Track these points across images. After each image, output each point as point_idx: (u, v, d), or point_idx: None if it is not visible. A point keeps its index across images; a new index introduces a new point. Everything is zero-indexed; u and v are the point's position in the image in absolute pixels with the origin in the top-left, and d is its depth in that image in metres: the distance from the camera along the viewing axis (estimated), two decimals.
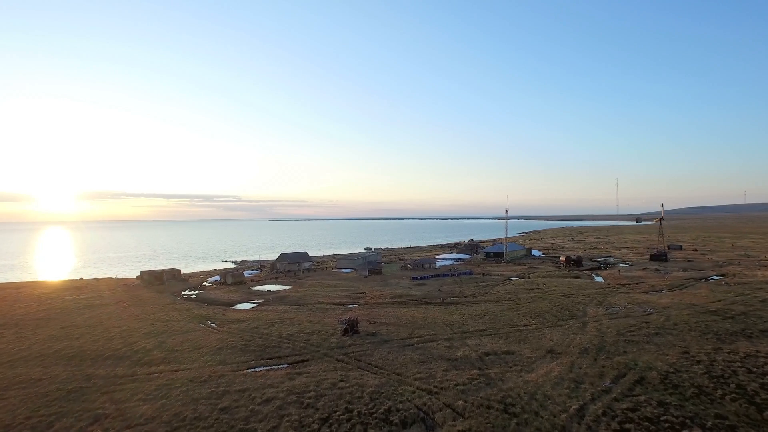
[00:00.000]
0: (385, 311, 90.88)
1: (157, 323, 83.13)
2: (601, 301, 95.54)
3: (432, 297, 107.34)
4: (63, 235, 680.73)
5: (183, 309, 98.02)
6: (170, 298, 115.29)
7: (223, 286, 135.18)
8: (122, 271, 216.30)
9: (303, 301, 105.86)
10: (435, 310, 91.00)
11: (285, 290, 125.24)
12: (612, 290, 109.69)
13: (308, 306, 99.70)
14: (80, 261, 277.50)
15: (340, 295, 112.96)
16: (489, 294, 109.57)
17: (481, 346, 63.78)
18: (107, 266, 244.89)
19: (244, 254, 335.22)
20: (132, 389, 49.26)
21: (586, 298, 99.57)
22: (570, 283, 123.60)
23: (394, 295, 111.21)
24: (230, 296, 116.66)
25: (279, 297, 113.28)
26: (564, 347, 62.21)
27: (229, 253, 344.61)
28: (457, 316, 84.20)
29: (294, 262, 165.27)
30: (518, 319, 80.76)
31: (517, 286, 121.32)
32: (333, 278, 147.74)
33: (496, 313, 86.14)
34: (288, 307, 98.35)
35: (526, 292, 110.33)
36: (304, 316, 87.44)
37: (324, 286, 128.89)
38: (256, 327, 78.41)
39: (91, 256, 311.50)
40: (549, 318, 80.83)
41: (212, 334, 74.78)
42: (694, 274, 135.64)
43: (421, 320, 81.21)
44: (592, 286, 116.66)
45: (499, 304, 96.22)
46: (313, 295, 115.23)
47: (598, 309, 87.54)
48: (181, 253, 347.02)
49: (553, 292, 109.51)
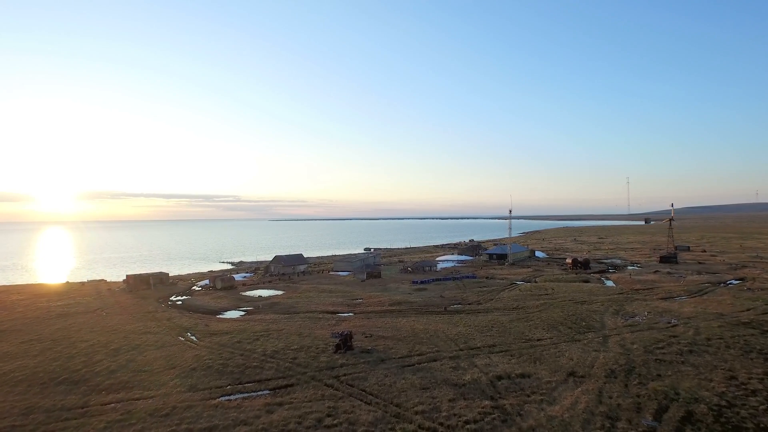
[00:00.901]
0: (382, 321, 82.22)
1: (131, 336, 74.45)
2: (617, 309, 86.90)
3: (434, 304, 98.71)
4: (61, 236, 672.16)
5: (164, 318, 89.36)
6: (154, 304, 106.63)
7: (212, 291, 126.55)
8: (116, 273, 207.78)
9: (295, 309, 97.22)
10: (437, 320, 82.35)
11: (277, 296, 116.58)
12: (626, 297, 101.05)
13: (300, 315, 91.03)
14: (74, 262, 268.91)
15: (334, 302, 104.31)
16: (495, 301, 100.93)
17: (491, 366, 55.12)
18: (102, 268, 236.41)
19: (241, 255, 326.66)
20: (75, 428, 40.58)
21: (601, 305, 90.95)
22: (580, 288, 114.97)
23: (393, 301, 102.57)
24: (218, 303, 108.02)
25: (270, 304, 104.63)
26: (587, 368, 53.58)
27: (226, 254, 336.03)
28: (462, 327, 75.53)
29: (289, 265, 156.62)
30: (530, 331, 72.09)
31: (524, 291, 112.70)
32: (329, 282, 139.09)
33: (505, 324, 77.48)
34: (278, 316, 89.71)
35: (534, 299, 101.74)
36: (293, 328, 78.82)
37: (318, 292, 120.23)
38: (239, 341, 69.75)
39: (87, 258, 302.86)
40: (564, 330, 72.17)
41: (189, 349, 66.13)
42: (710, 277, 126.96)
43: (423, 333, 72.55)
44: (605, 292, 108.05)
45: (507, 312, 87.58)
46: (307, 301, 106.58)
47: (616, 319, 78.91)
48: (179, 254, 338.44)
49: (564, 298, 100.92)
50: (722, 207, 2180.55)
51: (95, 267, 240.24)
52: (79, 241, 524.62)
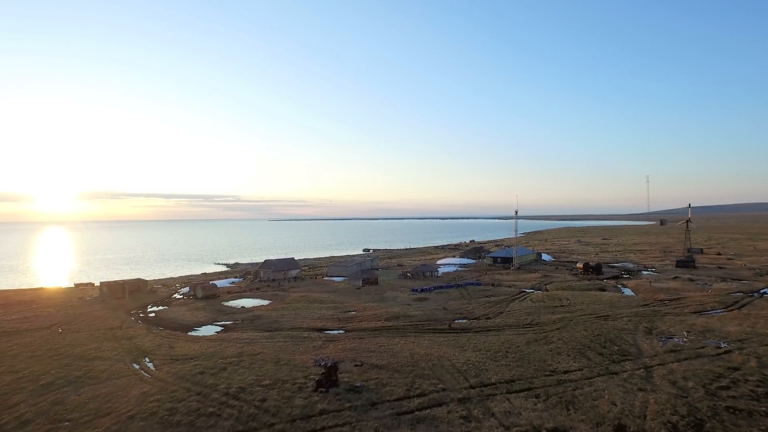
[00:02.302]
0: (377, 343, 69.04)
1: (76, 363, 61.28)
2: (649, 327, 73.67)
3: (436, 319, 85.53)
4: (60, 236, 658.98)
5: (125, 337, 76.18)
6: (123, 317, 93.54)
7: (192, 300, 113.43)
8: (106, 275, 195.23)
9: (278, 325, 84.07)
10: (441, 341, 69.15)
11: (261, 306, 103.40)
12: (653, 309, 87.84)
13: (282, 333, 77.81)
14: (67, 264, 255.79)
15: (324, 316, 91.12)
16: (505, 315, 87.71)
17: (513, 416, 42.02)
18: (93, 270, 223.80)
19: (238, 256, 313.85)
20: None
21: (628, 321, 77.77)
22: (597, 297, 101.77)
23: (390, 315, 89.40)
24: (194, 316, 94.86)
25: (251, 317, 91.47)
26: (637, 419, 40.49)
27: (222, 256, 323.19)
28: (471, 353, 62.35)
29: (279, 270, 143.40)
30: (553, 359, 58.92)
31: (536, 302, 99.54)
32: (321, 289, 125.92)
33: (521, 347, 64.31)
34: (257, 335, 76.52)
35: (548, 312, 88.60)
36: (271, 351, 65.72)
37: (308, 301, 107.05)
38: (202, 372, 56.65)
39: (81, 259, 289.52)
40: (594, 357, 59.01)
41: (138, 384, 53.00)
42: (739, 285, 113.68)
43: (424, 360, 59.40)
44: (626, 303, 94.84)
45: (521, 330, 74.37)
46: (293, 314, 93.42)
47: (652, 341, 65.73)
48: (174, 255, 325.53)
49: (583, 311, 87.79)
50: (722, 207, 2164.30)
51: (87, 269, 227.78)
52: (76, 241, 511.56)
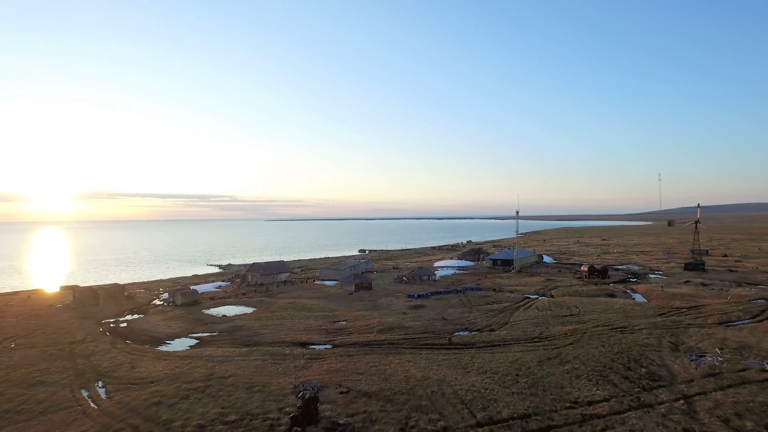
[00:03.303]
0: (367, 362, 59.64)
1: (11, 391, 51.44)
2: (674, 342, 64.58)
3: (434, 331, 76.18)
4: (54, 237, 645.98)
5: (83, 354, 66.47)
6: (89, 328, 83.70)
7: (171, 307, 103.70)
8: (95, 277, 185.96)
9: (259, 338, 74.52)
10: (441, 359, 59.83)
11: (244, 315, 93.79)
12: (672, 320, 78.80)
13: (262, 348, 68.22)
14: (57, 266, 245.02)
15: (311, 326, 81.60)
16: (510, 326, 78.43)
17: None
18: (83, 271, 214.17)
19: (231, 257, 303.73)
20: None
21: (648, 334, 68.66)
22: (608, 305, 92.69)
23: (384, 326, 79.98)
24: (168, 326, 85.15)
25: (231, 328, 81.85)
26: None
27: (216, 256, 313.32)
28: (476, 376, 53.04)
29: (268, 274, 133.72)
30: (572, 384, 49.68)
31: (543, 310, 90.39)
32: (311, 295, 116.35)
33: (533, 368, 55.08)
34: (233, 351, 66.95)
35: (558, 322, 79.48)
36: (246, 372, 56.25)
37: (296, 309, 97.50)
38: (158, 402, 47.07)
39: (72, 260, 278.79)
40: (620, 382, 49.80)
41: (77, 421, 43.42)
42: (759, 291, 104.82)
43: (421, 386, 50.04)
44: (641, 311, 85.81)
45: (530, 346, 65.14)
46: (277, 324, 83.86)
47: (682, 361, 56.65)
48: (166, 256, 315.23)
49: (595, 321, 78.68)
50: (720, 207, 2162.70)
51: (77, 271, 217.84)
52: (69, 242, 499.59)
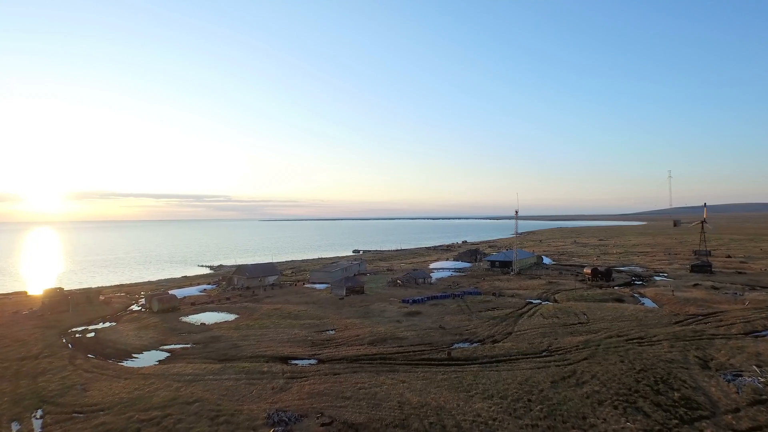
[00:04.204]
0: (355, 382, 51.35)
1: None
2: (701, 357, 56.74)
3: (431, 342, 68.03)
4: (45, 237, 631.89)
5: (32, 373, 57.74)
6: (52, 339, 74.89)
7: (146, 314, 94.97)
8: (81, 279, 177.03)
9: (236, 351, 66.05)
10: (440, 379, 51.62)
11: (225, 323, 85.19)
12: (692, 329, 71.04)
13: (238, 364, 59.77)
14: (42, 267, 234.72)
15: (296, 337, 73.20)
16: (515, 336, 70.38)
17: None
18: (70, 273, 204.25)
19: (223, 258, 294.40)
20: None
21: (670, 347, 60.86)
22: (617, 311, 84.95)
23: (376, 336, 71.76)
24: (139, 336, 76.48)
25: (207, 339, 73.29)
26: None
27: (208, 257, 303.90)
28: (481, 402, 44.92)
29: (255, 276, 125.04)
30: (595, 413, 41.67)
31: (548, 316, 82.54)
32: (300, 299, 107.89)
33: (546, 390, 47.05)
34: (205, 367, 58.46)
35: (567, 331, 71.60)
36: (215, 396, 47.88)
37: (281, 316, 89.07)
38: None
39: (59, 261, 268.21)
40: (651, 411, 41.82)
41: None
42: None
43: (417, 415, 41.86)
44: (655, 319, 78.07)
45: (540, 361, 57.11)
46: (259, 335, 75.41)
47: (718, 382, 48.75)
48: (157, 257, 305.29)
49: (607, 330, 70.83)
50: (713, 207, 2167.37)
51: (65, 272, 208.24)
52: (60, 242, 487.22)
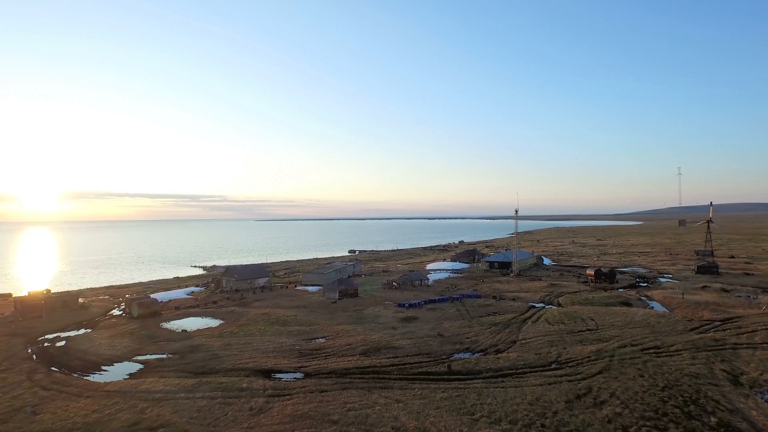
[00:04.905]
0: (344, 402, 44.91)
1: None
2: (729, 371, 50.67)
3: (429, 352, 61.65)
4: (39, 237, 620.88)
5: None
6: (13, 350, 67.95)
7: (125, 320, 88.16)
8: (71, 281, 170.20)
9: (215, 362, 59.42)
10: (439, 399, 45.21)
11: (208, 330, 78.48)
12: (710, 336, 64.97)
13: (215, 379, 53.14)
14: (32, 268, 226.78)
15: (282, 346, 66.62)
16: (520, 345, 64.05)
17: None
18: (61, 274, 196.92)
19: (217, 258, 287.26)
20: None
21: (691, 358, 54.81)
22: (627, 316, 78.88)
23: (369, 345, 65.32)
24: (112, 345, 69.67)
25: (186, 349, 66.62)
26: None
27: (202, 257, 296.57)
28: (487, 427, 38.52)
29: (244, 278, 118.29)
30: None
31: (554, 322, 76.37)
32: (290, 303, 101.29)
33: (561, 413, 40.81)
34: (178, 383, 51.83)
35: (575, 339, 65.45)
36: (184, 419, 41.39)
37: (268, 322, 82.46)
38: None
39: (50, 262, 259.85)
40: None
41: None
42: None
43: None
44: (669, 325, 72.02)
45: (550, 376, 50.80)
46: (243, 343, 68.78)
47: (755, 401, 42.71)
48: (150, 258, 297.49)
49: (619, 338, 64.73)
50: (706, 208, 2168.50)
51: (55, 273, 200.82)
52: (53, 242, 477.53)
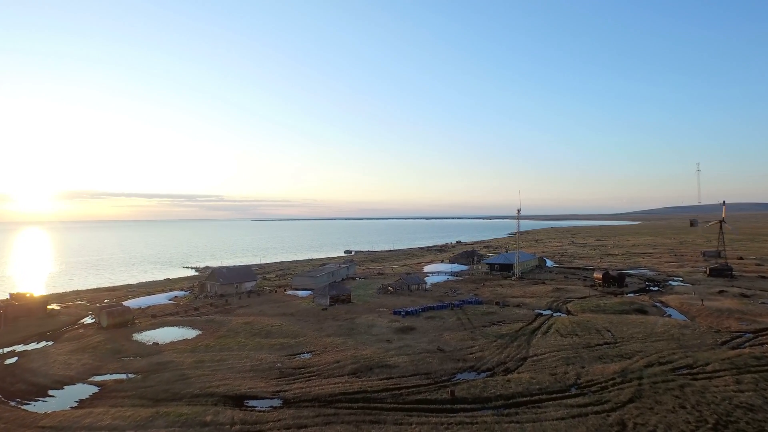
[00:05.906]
0: None
1: None
2: None
3: (428, 370, 52.98)
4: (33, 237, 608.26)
5: None
6: None
7: (93, 330, 79.13)
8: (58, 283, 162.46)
9: (181, 386, 50.55)
10: None
11: (182, 343, 69.51)
12: (748, 352, 56.67)
13: (175, 409, 44.28)
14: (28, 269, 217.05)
15: (261, 364, 57.79)
16: (532, 362, 55.45)
17: None
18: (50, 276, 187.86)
19: (211, 258, 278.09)
20: None
21: (735, 381, 46.46)
22: (646, 326, 70.52)
23: (360, 363, 56.58)
24: (68, 362, 60.61)
25: (151, 367, 57.69)
26: None
27: (196, 258, 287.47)
28: None
29: (230, 283, 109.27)
30: None
31: (565, 334, 67.87)
32: (277, 310, 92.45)
33: None
34: (131, 414, 42.94)
35: (594, 355, 56.97)
36: None
37: (250, 333, 73.57)
38: None
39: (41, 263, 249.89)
40: None
41: None
42: None
43: None
44: (695, 338, 63.70)
45: (572, 406, 42.27)
46: (217, 360, 59.93)
47: None
48: (143, 258, 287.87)
49: (643, 354, 56.32)
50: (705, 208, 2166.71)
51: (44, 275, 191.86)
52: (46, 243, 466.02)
